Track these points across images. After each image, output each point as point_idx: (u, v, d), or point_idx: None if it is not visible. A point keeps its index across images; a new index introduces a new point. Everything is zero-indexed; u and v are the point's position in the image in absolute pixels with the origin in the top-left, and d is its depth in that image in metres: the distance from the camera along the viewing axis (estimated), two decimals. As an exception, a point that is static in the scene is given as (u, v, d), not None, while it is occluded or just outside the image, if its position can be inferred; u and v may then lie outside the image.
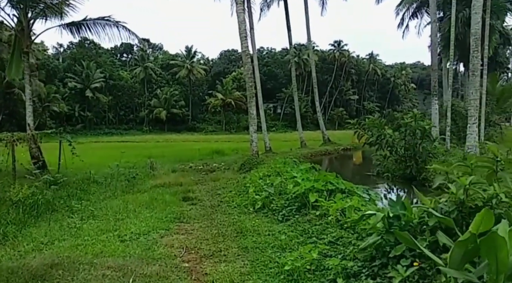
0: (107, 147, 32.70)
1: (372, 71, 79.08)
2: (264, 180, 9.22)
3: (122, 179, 11.48)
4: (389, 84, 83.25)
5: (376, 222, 4.03)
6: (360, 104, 79.44)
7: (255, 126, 15.19)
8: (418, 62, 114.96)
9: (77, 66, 64.20)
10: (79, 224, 6.81)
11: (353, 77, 78.26)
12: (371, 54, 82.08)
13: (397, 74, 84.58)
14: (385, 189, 12.42)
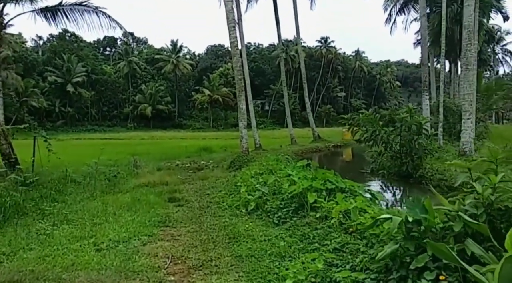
0: (89, 144, 31.60)
1: (358, 68, 79.31)
2: (257, 178, 8.62)
3: (102, 179, 10.72)
4: (375, 81, 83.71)
5: (394, 228, 3.47)
6: (347, 101, 79.59)
7: (245, 122, 14.57)
8: (402, 60, 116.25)
9: (57, 60, 62.35)
10: (50, 230, 6.09)
11: (340, 74, 78.35)
12: (357, 51, 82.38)
13: (382, 72, 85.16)
14: (380, 186, 11.99)
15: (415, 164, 11.43)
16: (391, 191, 11.37)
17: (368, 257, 4.20)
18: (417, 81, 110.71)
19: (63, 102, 61.60)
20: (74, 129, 59.96)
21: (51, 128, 59.00)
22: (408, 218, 3.50)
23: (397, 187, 11.88)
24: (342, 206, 5.12)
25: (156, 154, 21.14)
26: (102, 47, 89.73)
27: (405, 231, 3.56)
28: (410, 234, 3.55)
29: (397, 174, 12.04)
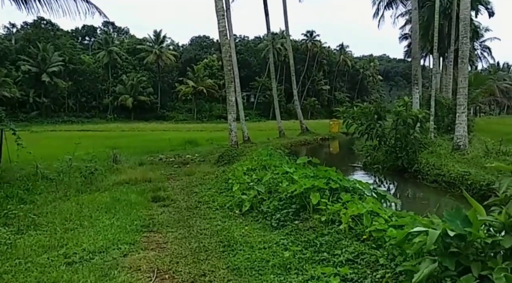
0: (65, 137, 30.20)
1: (342, 62, 79.29)
2: (249, 175, 7.95)
3: (77, 175, 9.83)
4: (358, 75, 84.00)
5: (430, 243, 2.83)
6: (331, 94, 79.54)
7: (234, 114, 13.82)
8: (384, 54, 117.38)
9: (31, 48, 59.75)
10: (12, 238, 5.26)
11: (324, 68, 78.18)
12: (342, 45, 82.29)
13: (365, 66, 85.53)
14: (374, 181, 11.49)
15: (410, 159, 11.03)
16: (386, 186, 10.90)
17: (390, 272, 3.59)
18: (398, 76, 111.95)
19: (37, 93, 59.19)
20: (49, 120, 57.73)
21: (25, 119, 56.73)
22: (447, 231, 2.88)
23: (391, 182, 11.42)
24: (353, 210, 4.48)
25: (138, 148, 20.20)
26: (80, 36, 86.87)
27: (442, 246, 2.94)
28: (449, 250, 2.94)
29: (391, 168, 11.61)
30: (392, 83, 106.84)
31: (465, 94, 13.35)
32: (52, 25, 73.06)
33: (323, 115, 70.63)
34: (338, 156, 19.77)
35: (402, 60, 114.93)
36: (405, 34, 35.83)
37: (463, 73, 13.71)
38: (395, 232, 3.62)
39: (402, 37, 36.06)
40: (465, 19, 14.08)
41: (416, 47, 16.34)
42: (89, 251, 4.80)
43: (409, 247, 3.15)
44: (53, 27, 72.80)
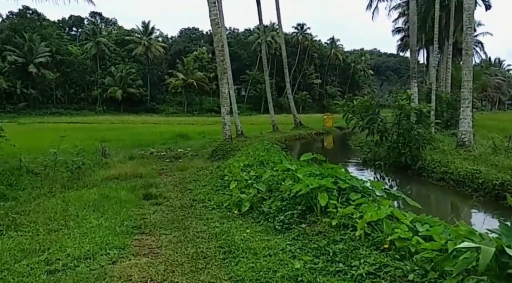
0: (53, 129, 29.23)
1: (333, 56, 78.91)
2: (247, 172, 7.47)
3: (63, 170, 9.23)
4: (349, 69, 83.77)
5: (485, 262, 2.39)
6: (322, 88, 79.27)
7: (227, 107, 13.26)
8: (375, 49, 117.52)
9: (17, 38, 57.98)
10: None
11: (316, 61, 77.72)
12: (333, 39, 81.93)
13: (357, 60, 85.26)
14: (376, 179, 11.10)
15: (413, 155, 10.60)
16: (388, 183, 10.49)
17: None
18: (389, 70, 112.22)
19: (25, 84, 57.63)
20: (37, 112, 56.32)
21: (12, 111, 55.31)
22: (504, 249, 2.45)
23: (393, 179, 11.01)
24: (372, 214, 4.02)
25: (128, 141, 19.55)
26: (67, 27, 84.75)
27: (497, 266, 2.51)
28: (507, 271, 2.49)
29: (393, 165, 11.17)
30: (383, 78, 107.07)
31: (469, 88, 12.85)
32: (38, 15, 71.10)
33: (314, 109, 70.40)
34: (334, 151, 19.32)
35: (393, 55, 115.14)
36: (398, 27, 35.53)
37: (467, 65, 13.16)
38: (429, 245, 3.18)
39: (396, 31, 35.77)
40: (470, 8, 13.55)
41: (414, 39, 15.92)
42: (73, 257, 4.29)
43: (448, 264, 2.70)
44: (39, 17, 70.83)
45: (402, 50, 36.51)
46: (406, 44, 35.65)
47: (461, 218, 3.69)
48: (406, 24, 33.90)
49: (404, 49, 36.68)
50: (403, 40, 36.13)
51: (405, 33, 35.27)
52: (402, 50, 36.58)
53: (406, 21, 33.47)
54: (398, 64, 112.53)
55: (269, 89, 26.93)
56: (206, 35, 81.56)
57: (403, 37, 35.96)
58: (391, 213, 4.00)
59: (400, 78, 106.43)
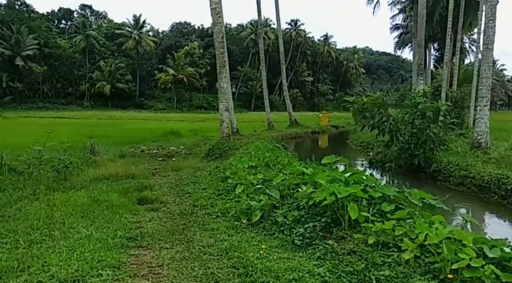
0: (39, 124, 28.09)
1: (326, 53, 78.50)
2: (253, 174, 6.78)
3: (49, 169, 8.40)
4: (342, 67, 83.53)
5: None
6: (314, 86, 78.85)
7: (226, 103, 12.49)
8: (367, 47, 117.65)
9: (4, 30, 56.08)
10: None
11: (308, 59, 77.21)
12: (326, 36, 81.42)
13: (349, 58, 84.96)
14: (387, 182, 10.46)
15: (427, 157, 9.97)
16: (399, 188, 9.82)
17: None
18: (380, 69, 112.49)
19: (11, 77, 55.82)
20: (23, 106, 54.60)
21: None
22: None
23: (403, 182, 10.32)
24: (430, 236, 3.30)
25: (117, 137, 18.66)
26: (56, 20, 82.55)
27: None
28: None
29: (404, 167, 10.49)
30: (375, 76, 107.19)
31: (488, 85, 11.98)
32: (26, 7, 69.09)
33: (305, 107, 69.95)
34: (334, 151, 18.60)
35: (385, 53, 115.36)
36: (396, 24, 34.95)
37: (487, 61, 12.21)
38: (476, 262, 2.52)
39: (394, 28, 35.24)
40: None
41: (422, 33, 15.16)
42: (59, 280, 3.55)
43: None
44: (27, 8, 68.81)
45: (400, 47, 36.09)
46: (404, 41, 35.29)
47: None
48: (405, 20, 33.49)
49: (402, 46, 36.26)
50: (401, 37, 35.68)
51: (403, 30, 34.86)
52: (400, 48, 36.18)
53: (406, 17, 33.05)
54: (390, 62, 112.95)
55: (265, 85, 26.18)
56: (198, 30, 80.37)
57: (401, 34, 35.52)
58: (452, 235, 3.28)
59: (391, 77, 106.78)
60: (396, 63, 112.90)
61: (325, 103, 76.82)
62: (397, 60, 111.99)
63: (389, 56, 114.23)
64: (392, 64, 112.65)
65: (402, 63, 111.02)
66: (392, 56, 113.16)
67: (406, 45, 36.12)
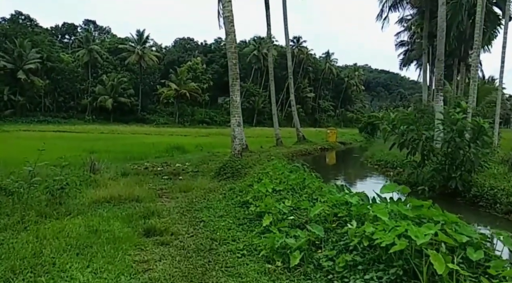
0: (38, 137, 27.12)
1: (328, 70, 78.33)
2: (279, 199, 5.74)
3: (42, 191, 7.35)
4: (343, 84, 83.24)
5: None
6: (315, 102, 78.36)
7: (238, 117, 11.50)
8: (366, 64, 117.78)
9: (8, 44, 55.63)
10: None
11: (310, 75, 76.95)
12: (327, 53, 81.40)
13: (350, 75, 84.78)
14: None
15: (463, 179, 8.88)
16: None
17: None
18: (379, 86, 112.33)
19: (13, 90, 55.08)
20: (24, 120, 53.69)
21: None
22: None
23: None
24: None
25: (119, 153, 17.63)
26: (60, 34, 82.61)
27: None
28: None
29: (438, 191, 9.28)
30: (374, 94, 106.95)
31: None
32: (30, 21, 68.97)
33: (307, 123, 69.19)
34: (348, 169, 17.30)
35: (384, 71, 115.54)
36: (401, 41, 34.31)
37: None
38: None
39: (399, 44, 34.60)
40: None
41: (442, 47, 14.32)
42: None
43: None
44: (31, 22, 68.66)
45: (405, 64, 35.41)
46: (409, 58, 34.65)
47: None
48: (411, 37, 32.88)
49: (407, 64, 35.58)
50: (406, 54, 35.04)
51: (408, 47, 34.24)
52: (405, 64, 35.48)
53: (412, 34, 32.44)
54: (389, 80, 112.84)
55: (274, 100, 25.20)
56: (201, 46, 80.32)
57: (406, 51, 34.89)
58: None
59: (390, 94, 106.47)
60: (395, 81, 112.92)
61: (326, 119, 76.19)
62: (396, 78, 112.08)
63: (388, 74, 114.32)
64: (391, 82, 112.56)
65: (401, 81, 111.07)
66: (391, 74, 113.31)
67: (411, 62, 35.54)
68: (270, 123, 63.06)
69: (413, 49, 33.35)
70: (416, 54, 32.66)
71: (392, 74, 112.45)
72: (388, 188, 4.14)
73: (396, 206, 3.81)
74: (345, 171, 15.42)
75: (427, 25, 23.41)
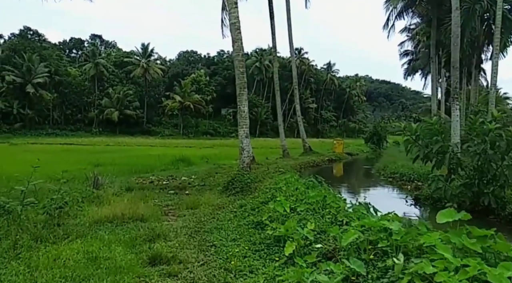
0: (46, 151, 26.54)
1: (329, 81, 77.91)
2: (299, 220, 5.01)
3: (39, 210, 6.64)
4: (344, 94, 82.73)
5: None
6: (317, 113, 77.77)
7: (246, 128, 10.81)
8: (367, 75, 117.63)
9: (17, 58, 55.59)
10: None
11: (312, 86, 76.54)
12: (329, 64, 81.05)
13: (352, 85, 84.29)
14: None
15: (496, 195, 8.01)
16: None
17: None
18: (381, 97, 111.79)
19: (22, 104, 54.88)
20: (33, 132, 53.33)
21: (8, 131, 52.40)
22: None
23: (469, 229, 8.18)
24: None
25: (124, 165, 16.97)
26: (68, 49, 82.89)
27: None
28: None
29: (467, 207, 8.27)
30: (376, 104, 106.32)
31: None
32: (38, 36, 69.14)
33: (310, 133, 68.35)
34: (362, 183, 16.16)
35: (386, 82, 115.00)
36: (406, 50, 33.65)
37: None
38: None
39: (403, 54, 33.91)
40: None
41: (456, 54, 13.61)
42: None
43: None
44: (39, 37, 68.82)
45: (410, 74, 34.73)
46: (414, 67, 33.97)
47: None
48: (416, 46, 32.23)
49: (412, 73, 34.90)
50: (410, 64, 34.39)
51: (413, 56, 33.62)
52: (410, 74, 34.80)
53: (416, 43, 31.80)
54: (390, 90, 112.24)
55: (280, 110, 24.55)
56: (204, 58, 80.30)
57: (410, 61, 34.24)
58: None
59: (392, 104, 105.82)
60: (396, 91, 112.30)
61: (329, 130, 75.47)
62: (397, 88, 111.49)
63: (389, 84, 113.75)
64: (392, 92, 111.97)
65: (402, 91, 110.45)
66: (392, 84, 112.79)
67: (416, 72, 34.85)
68: (272, 134, 62.56)
69: (417, 58, 32.73)
70: (421, 64, 32.01)
71: (393, 84, 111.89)
72: (446, 215, 3.39)
73: (456, 237, 3.06)
74: (359, 185, 14.51)
75: (435, 33, 22.77)
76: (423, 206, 9.80)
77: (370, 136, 35.85)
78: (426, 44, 28.48)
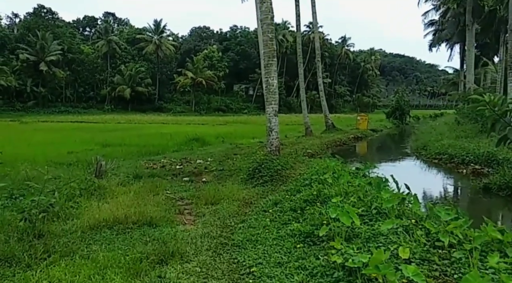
0: (55, 129, 25.21)
1: (344, 55, 74.41)
2: (385, 244, 3.26)
3: (17, 216, 5.02)
4: (359, 68, 79.27)
5: None
6: (331, 88, 74.81)
7: (275, 105, 8.89)
8: (381, 49, 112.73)
9: (30, 37, 53.94)
10: None
11: (326, 60, 73.14)
12: (344, 38, 77.26)
13: (367, 59, 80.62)
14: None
15: None
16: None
17: None
18: (394, 71, 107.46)
19: (35, 82, 53.63)
20: (46, 110, 52.28)
21: (21, 109, 51.43)
22: None
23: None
24: None
25: (134, 146, 15.40)
26: (81, 27, 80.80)
27: None
28: None
29: None
30: (389, 78, 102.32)
31: None
32: (52, 14, 66.98)
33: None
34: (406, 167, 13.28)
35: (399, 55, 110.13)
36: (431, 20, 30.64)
37: None
38: None
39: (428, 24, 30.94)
40: None
41: None
42: None
43: None
44: (53, 16, 66.68)
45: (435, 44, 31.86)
46: (440, 38, 31.09)
47: None
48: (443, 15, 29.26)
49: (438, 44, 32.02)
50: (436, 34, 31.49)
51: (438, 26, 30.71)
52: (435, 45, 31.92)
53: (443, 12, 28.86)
54: (404, 64, 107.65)
55: (303, 84, 22.39)
56: (216, 34, 77.39)
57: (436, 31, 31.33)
58: None
59: (406, 78, 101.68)
60: (410, 64, 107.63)
61: (343, 105, 72.76)
62: (411, 61, 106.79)
63: (403, 57, 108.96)
64: (406, 66, 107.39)
65: (417, 64, 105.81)
66: (406, 58, 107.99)
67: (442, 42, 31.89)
68: (285, 110, 60.26)
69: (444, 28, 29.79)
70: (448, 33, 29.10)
71: (407, 58, 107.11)
72: None
73: None
74: (404, 171, 12.31)
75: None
76: (491, 196, 7.87)
77: (393, 111, 33.35)
78: (455, 12, 25.62)
